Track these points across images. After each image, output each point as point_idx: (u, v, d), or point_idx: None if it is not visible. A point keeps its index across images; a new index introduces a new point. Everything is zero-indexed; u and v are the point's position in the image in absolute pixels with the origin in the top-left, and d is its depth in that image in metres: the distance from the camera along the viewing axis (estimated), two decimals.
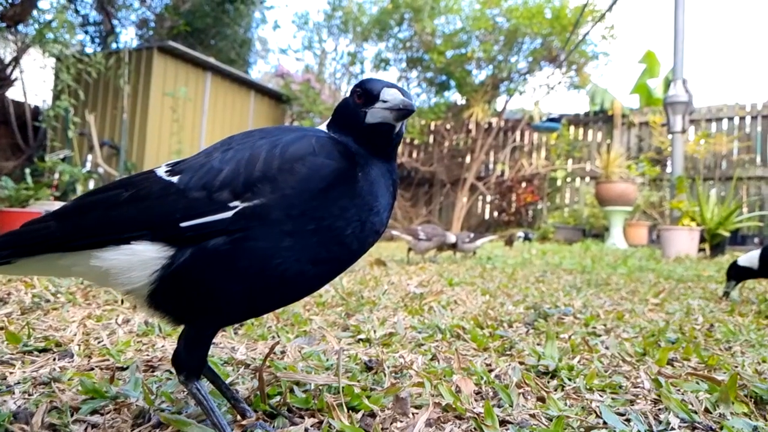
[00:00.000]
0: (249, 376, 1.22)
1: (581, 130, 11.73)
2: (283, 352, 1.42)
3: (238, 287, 0.83)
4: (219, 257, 0.81)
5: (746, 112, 10.53)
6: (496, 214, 11.81)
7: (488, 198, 11.90)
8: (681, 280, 3.87)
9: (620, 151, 10.45)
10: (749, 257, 2.76)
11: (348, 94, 0.97)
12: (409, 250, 4.83)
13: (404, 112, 0.89)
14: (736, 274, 2.81)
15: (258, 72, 16.25)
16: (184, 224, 0.82)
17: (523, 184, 11.42)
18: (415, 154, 12.52)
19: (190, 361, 0.88)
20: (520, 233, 9.02)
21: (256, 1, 11.23)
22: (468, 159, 11.87)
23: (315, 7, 35.82)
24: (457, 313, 2.18)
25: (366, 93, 0.92)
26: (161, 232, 0.82)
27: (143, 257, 0.82)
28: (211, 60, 9.82)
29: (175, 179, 0.86)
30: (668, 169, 10.11)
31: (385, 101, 0.90)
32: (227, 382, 1.17)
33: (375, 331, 1.70)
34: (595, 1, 10.82)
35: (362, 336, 1.66)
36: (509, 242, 7.41)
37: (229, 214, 0.82)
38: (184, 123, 9.20)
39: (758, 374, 1.40)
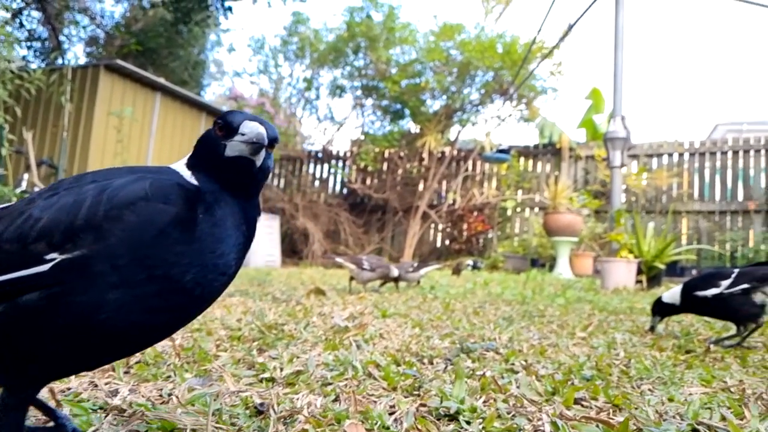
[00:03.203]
0: (121, 425, 1.13)
1: (531, 162, 12.03)
2: (170, 395, 1.33)
3: (56, 346, 0.76)
4: (33, 315, 0.74)
5: (684, 149, 11.05)
6: (447, 242, 11.89)
7: (440, 226, 11.99)
8: (614, 311, 3.93)
9: (567, 183, 10.75)
10: (672, 294, 2.80)
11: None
12: (351, 279, 4.76)
13: (257, 145, 0.85)
14: (660, 310, 2.85)
15: (212, 94, 16.09)
16: None
17: (475, 213, 11.56)
18: (368, 181, 12.54)
19: (5, 429, 0.79)
20: (469, 262, 9.08)
21: (211, 23, 11.16)
22: (421, 187, 11.96)
23: (271, 32, 35.94)
24: (378, 348, 2.12)
25: (226, 125, 0.88)
26: None
27: None
28: (161, 80, 9.64)
29: None
30: None
31: (243, 134, 0.86)
32: (91, 430, 1.07)
33: (281, 369, 1.63)
34: (544, 38, 11.26)
35: (266, 375, 1.58)
36: (457, 271, 7.43)
37: (45, 267, 0.75)
38: (129, 144, 8.94)
39: (659, 415, 1.39)
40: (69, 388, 1.34)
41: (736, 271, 2.59)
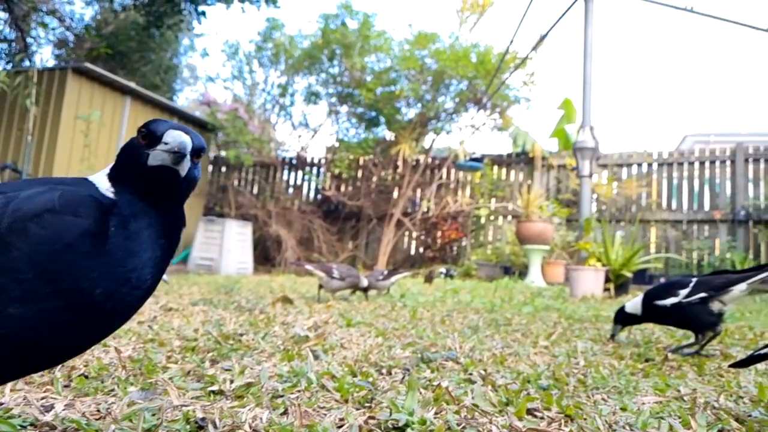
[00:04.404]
0: None
1: (504, 170, 12.14)
2: (108, 410, 1.28)
3: None
4: None
5: (653, 159, 11.27)
6: (421, 249, 11.90)
7: (414, 234, 12.00)
8: (580, 320, 3.97)
9: (540, 192, 10.87)
10: (634, 303, 2.82)
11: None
12: (320, 287, 4.72)
13: (180, 155, 0.83)
14: (623, 319, 2.87)
15: (185, 99, 15.90)
16: None
17: (448, 221, 11.60)
18: (342, 188, 12.50)
19: None
20: (442, 269, 9.10)
21: (183, 27, 11.03)
22: (395, 194, 11.97)
23: (246, 37, 35.71)
24: (337, 358, 2.09)
25: (150, 134, 0.86)
26: None
27: None
28: (132, 84, 9.49)
29: None
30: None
31: (166, 143, 0.84)
32: None
33: (231, 382, 1.58)
34: (517, 48, 11.41)
35: (215, 387, 1.53)
36: (429, 279, 7.44)
37: None
38: (98, 149, 8.76)
39: (609, 425, 1.39)
40: (1, 404, 1.28)
41: (694, 280, 2.63)
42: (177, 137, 0.84)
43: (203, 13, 10.02)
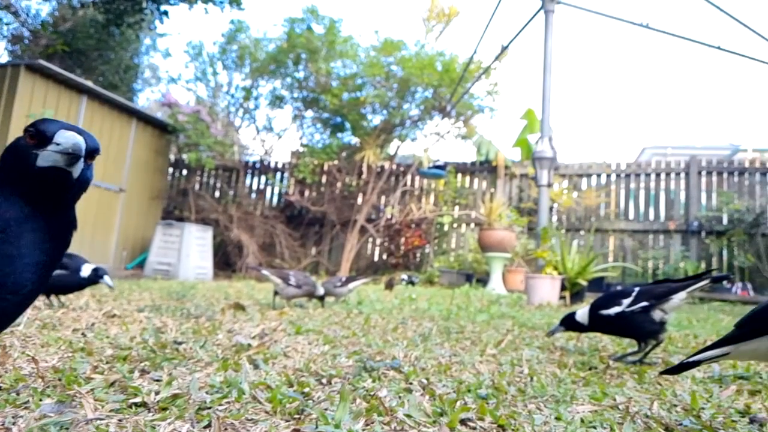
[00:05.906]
0: None
1: (467, 178, 12.25)
2: (14, 424, 1.20)
3: None
4: None
5: (611, 171, 11.56)
6: (384, 256, 11.89)
7: (378, 240, 11.98)
8: (533, 327, 4.00)
9: (502, 200, 11.01)
10: (583, 313, 2.85)
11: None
12: (275, 293, 4.64)
13: (73, 156, 0.79)
14: (570, 324, 2.90)
15: (146, 100, 15.56)
16: None
17: (412, 228, 11.63)
18: (306, 194, 12.40)
19: None
20: (404, 276, 9.10)
21: (145, 26, 10.79)
22: (359, 201, 11.93)
23: (210, 39, 35.22)
24: (277, 368, 2.04)
25: (39, 134, 0.81)
26: None
27: None
28: (88, 83, 9.22)
29: None
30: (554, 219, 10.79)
31: (58, 144, 0.80)
32: None
33: (157, 393, 1.52)
34: (481, 58, 11.55)
35: (138, 399, 1.47)
36: (389, 286, 7.42)
37: None
38: None
39: None
40: None
41: (637, 289, 2.67)
42: (70, 138, 0.80)
43: (165, 13, 9.83)
